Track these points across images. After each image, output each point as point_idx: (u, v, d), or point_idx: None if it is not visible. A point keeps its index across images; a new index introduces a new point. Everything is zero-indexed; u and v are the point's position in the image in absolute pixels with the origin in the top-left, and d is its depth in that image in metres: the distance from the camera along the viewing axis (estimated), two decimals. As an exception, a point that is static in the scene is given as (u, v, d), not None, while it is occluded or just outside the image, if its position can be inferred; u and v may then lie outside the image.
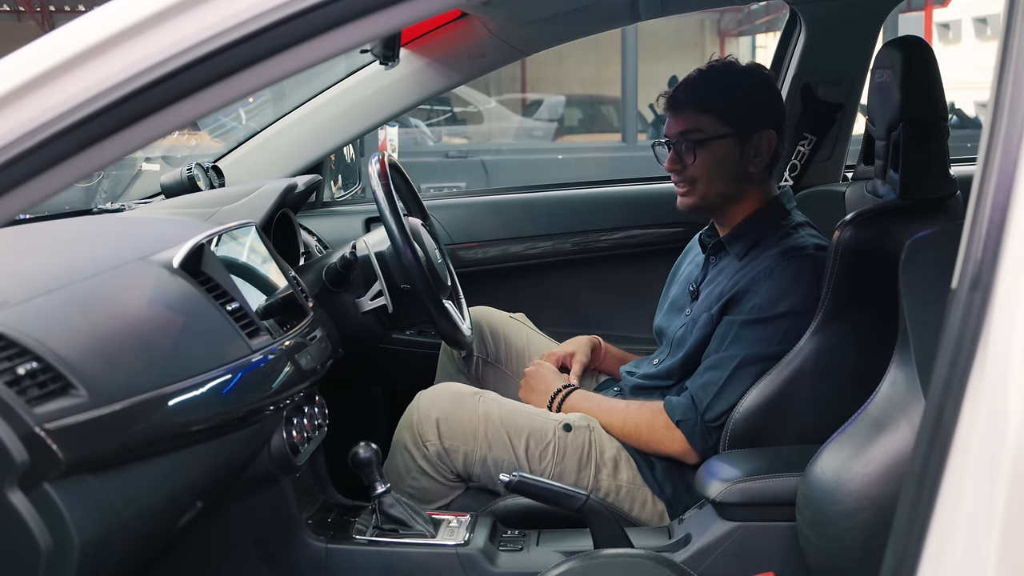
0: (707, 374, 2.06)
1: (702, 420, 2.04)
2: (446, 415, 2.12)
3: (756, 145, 2.12)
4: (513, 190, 3.35)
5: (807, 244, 2.07)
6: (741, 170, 2.12)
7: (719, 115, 2.09)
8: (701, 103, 2.11)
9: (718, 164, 2.11)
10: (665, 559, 1.71)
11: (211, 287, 1.68)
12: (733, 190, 2.13)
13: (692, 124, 2.10)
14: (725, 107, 2.10)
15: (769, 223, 2.13)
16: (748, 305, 2.05)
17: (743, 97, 2.14)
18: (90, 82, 1.05)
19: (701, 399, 2.04)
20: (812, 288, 1.97)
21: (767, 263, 2.06)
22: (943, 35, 14.60)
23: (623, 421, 2.14)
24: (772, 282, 2.04)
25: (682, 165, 2.12)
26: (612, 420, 2.15)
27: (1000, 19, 1.03)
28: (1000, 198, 0.97)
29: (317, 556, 1.89)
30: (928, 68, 2.01)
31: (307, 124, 2.81)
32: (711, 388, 2.03)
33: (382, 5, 1.07)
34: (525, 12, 2.60)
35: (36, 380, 1.22)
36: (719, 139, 2.09)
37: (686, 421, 2.04)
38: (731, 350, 2.04)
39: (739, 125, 2.10)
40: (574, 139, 11.42)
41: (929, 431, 0.99)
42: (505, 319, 2.56)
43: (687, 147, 2.10)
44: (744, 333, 2.04)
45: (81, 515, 1.22)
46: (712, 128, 2.09)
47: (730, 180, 2.12)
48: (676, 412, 2.06)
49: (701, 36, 16.10)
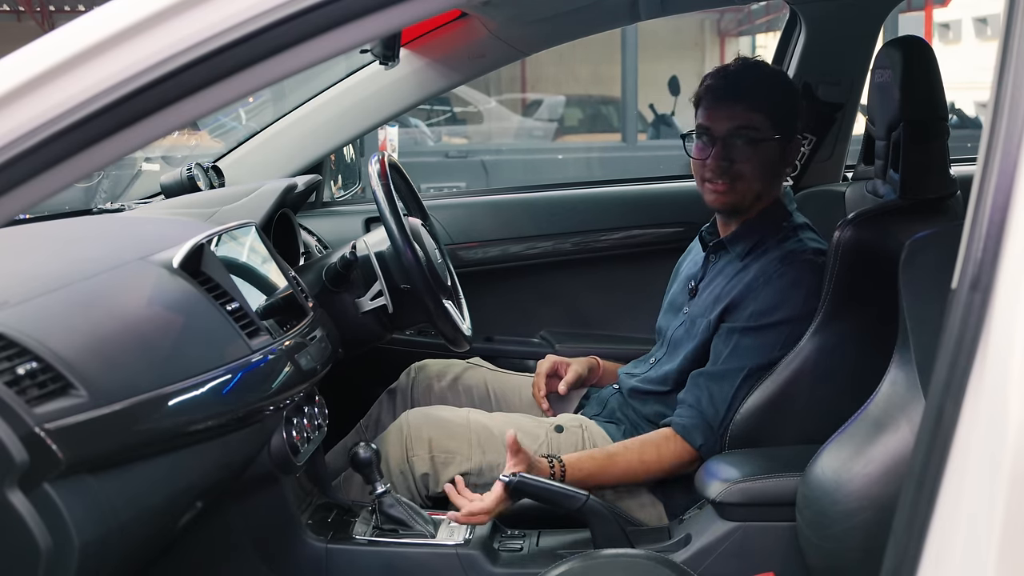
0: (713, 387, 2.03)
1: (716, 435, 2.02)
2: (437, 428, 2.13)
3: (792, 150, 2.12)
4: (513, 190, 3.34)
5: (806, 248, 2.06)
6: (778, 173, 2.12)
7: (768, 115, 2.07)
8: (753, 101, 2.07)
9: (766, 165, 2.08)
10: (665, 559, 1.71)
11: (211, 287, 1.68)
12: (765, 190, 2.11)
13: (746, 121, 2.06)
14: (774, 108, 2.08)
15: (771, 224, 2.12)
16: (746, 312, 2.04)
17: (786, 100, 2.13)
18: (90, 82, 1.05)
19: (713, 416, 2.02)
20: (811, 294, 1.97)
21: (766, 268, 2.05)
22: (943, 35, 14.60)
23: (638, 461, 2.05)
24: (771, 288, 2.03)
25: (729, 162, 2.07)
26: (621, 466, 2.05)
27: (1000, 19, 1.03)
28: (1000, 198, 0.97)
29: (317, 556, 1.89)
30: (928, 68, 2.01)
31: (307, 124, 2.81)
32: (720, 404, 2.02)
33: (382, 5, 1.07)
34: (525, 12, 2.60)
35: (36, 380, 1.22)
36: (769, 141, 2.07)
37: (707, 444, 2.02)
38: (734, 362, 2.03)
39: (784, 128, 2.09)
40: (574, 139, 11.42)
41: (929, 431, 0.99)
42: (461, 367, 2.50)
43: (742, 143, 2.06)
44: (745, 342, 2.03)
45: (81, 515, 1.22)
46: (765, 128, 2.07)
47: (767, 181, 2.10)
48: (696, 438, 2.02)
49: (701, 36, 16.10)
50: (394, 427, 2.18)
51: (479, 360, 2.55)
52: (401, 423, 2.17)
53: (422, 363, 2.49)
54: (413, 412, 2.20)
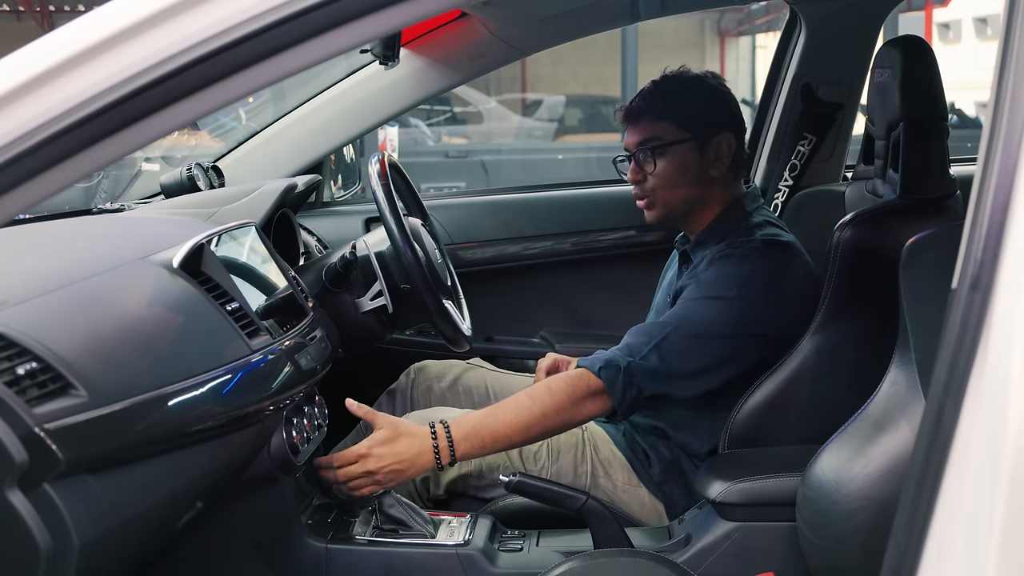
0: (632, 338, 2.00)
1: (625, 371, 1.94)
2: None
3: (716, 148, 2.10)
4: (512, 190, 3.35)
5: (752, 238, 2.05)
6: (703, 174, 2.11)
7: (675, 121, 2.09)
8: (657, 111, 2.10)
9: (678, 170, 2.09)
10: (665, 559, 1.71)
11: (211, 287, 1.68)
12: (696, 195, 2.12)
13: (649, 133, 2.10)
14: (680, 113, 2.10)
15: (729, 226, 2.11)
16: (688, 291, 2.04)
17: (697, 102, 2.14)
18: (90, 82, 1.05)
19: (622, 356, 1.96)
20: (752, 279, 1.97)
21: (708, 255, 2.06)
22: (943, 35, 14.61)
23: (527, 397, 1.94)
24: (710, 271, 2.03)
25: (643, 175, 2.11)
26: (511, 408, 1.93)
27: (1000, 19, 1.03)
28: (1000, 198, 0.97)
29: (317, 556, 1.89)
30: (928, 68, 2.01)
31: (307, 124, 2.81)
32: (636, 351, 1.96)
33: (382, 5, 1.07)
34: (525, 12, 2.60)
35: (36, 380, 1.22)
36: (677, 144, 2.08)
37: (608, 374, 1.94)
38: (663, 319, 2.02)
39: (696, 129, 2.09)
40: (574, 139, 11.43)
41: (929, 431, 0.99)
42: (461, 368, 2.48)
43: (646, 155, 2.09)
44: (677, 308, 2.02)
45: (81, 515, 1.22)
46: (670, 134, 2.08)
47: (692, 185, 2.11)
48: (595, 364, 1.95)
49: (701, 36, 16.11)
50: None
51: (479, 360, 2.55)
52: None
53: (422, 364, 2.49)
54: (413, 415, 2.20)
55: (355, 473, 1.89)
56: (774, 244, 2.04)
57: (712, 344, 1.98)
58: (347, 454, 1.90)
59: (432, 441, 1.90)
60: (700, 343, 1.97)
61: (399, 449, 1.89)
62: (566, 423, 1.97)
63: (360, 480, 1.90)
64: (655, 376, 1.96)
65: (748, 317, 1.97)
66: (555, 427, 1.96)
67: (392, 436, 1.90)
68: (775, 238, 2.05)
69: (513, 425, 1.92)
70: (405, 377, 2.46)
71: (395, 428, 1.91)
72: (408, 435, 1.90)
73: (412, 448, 1.89)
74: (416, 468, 1.90)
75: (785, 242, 2.06)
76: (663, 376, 1.96)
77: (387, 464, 1.88)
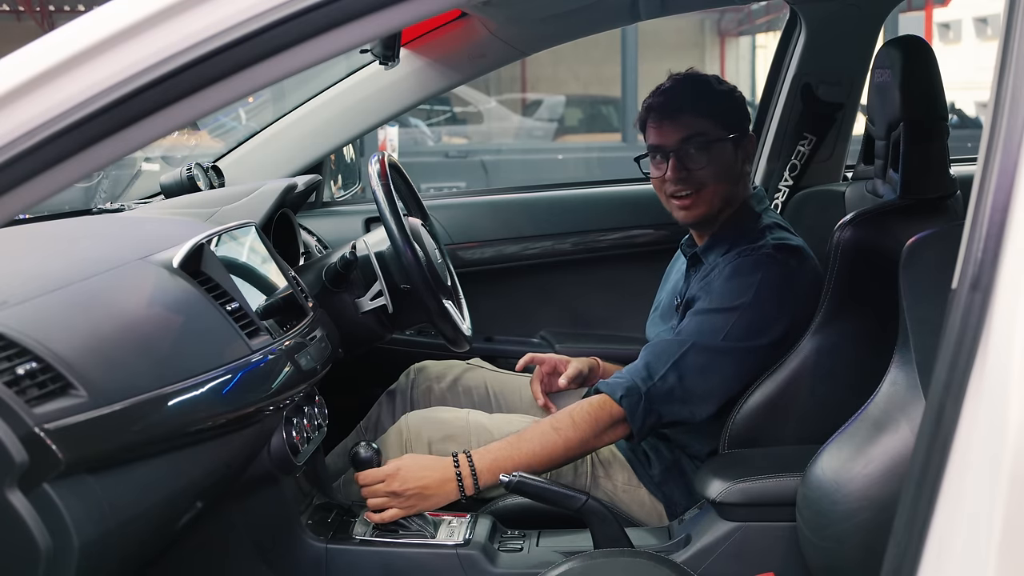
0: (651, 357, 2.00)
1: (646, 398, 1.97)
2: (436, 430, 2.13)
3: (746, 147, 2.12)
4: (512, 190, 3.35)
5: (764, 244, 2.04)
6: (739, 172, 2.12)
7: (713, 119, 2.08)
8: (696, 108, 2.08)
9: (724, 167, 2.08)
10: (665, 559, 1.71)
11: (211, 287, 1.68)
12: (732, 193, 2.11)
13: (693, 128, 2.06)
14: (716, 111, 2.09)
15: (741, 229, 2.10)
16: (698, 301, 2.04)
17: (726, 100, 2.14)
18: (90, 82, 1.05)
19: (643, 380, 1.97)
20: (766, 286, 1.97)
21: (719, 262, 2.05)
22: (943, 35, 14.61)
23: (551, 428, 1.98)
24: (721, 278, 2.02)
25: (687, 172, 2.07)
26: (535, 439, 1.97)
27: (1000, 19, 1.03)
28: (1000, 198, 0.97)
29: (317, 556, 1.89)
30: (928, 68, 2.01)
31: (307, 124, 2.81)
32: (655, 371, 1.97)
33: (382, 5, 1.07)
34: (525, 12, 2.60)
35: (36, 380, 1.22)
36: (721, 142, 2.08)
37: (629, 401, 1.96)
38: (678, 337, 2.02)
39: (732, 127, 2.09)
40: (574, 139, 11.44)
41: (929, 431, 0.99)
42: (461, 368, 2.48)
43: (696, 150, 2.06)
44: (692, 322, 2.02)
45: (81, 515, 1.22)
46: (713, 131, 2.07)
47: (732, 183, 2.11)
48: (616, 391, 1.98)
49: (701, 36, 16.10)
50: (394, 430, 2.18)
51: (479, 361, 2.55)
52: (401, 426, 2.17)
53: (421, 365, 2.49)
54: (413, 415, 2.20)
55: (380, 492, 1.91)
56: (785, 248, 2.04)
57: (727, 360, 1.98)
58: (374, 473, 1.92)
59: (455, 470, 1.93)
60: (716, 358, 1.98)
61: (424, 474, 1.92)
62: (587, 451, 2.04)
63: (383, 499, 1.91)
64: (672, 398, 1.98)
65: (761, 324, 1.97)
66: (576, 456, 2.03)
67: (416, 462, 1.94)
68: (785, 242, 2.06)
69: (538, 456, 1.96)
70: (405, 377, 2.46)
71: (416, 457, 1.96)
72: (431, 462, 1.95)
73: (436, 475, 1.93)
74: (440, 496, 1.93)
75: (795, 246, 2.05)
76: (680, 397, 1.98)
77: (412, 487, 1.91)
